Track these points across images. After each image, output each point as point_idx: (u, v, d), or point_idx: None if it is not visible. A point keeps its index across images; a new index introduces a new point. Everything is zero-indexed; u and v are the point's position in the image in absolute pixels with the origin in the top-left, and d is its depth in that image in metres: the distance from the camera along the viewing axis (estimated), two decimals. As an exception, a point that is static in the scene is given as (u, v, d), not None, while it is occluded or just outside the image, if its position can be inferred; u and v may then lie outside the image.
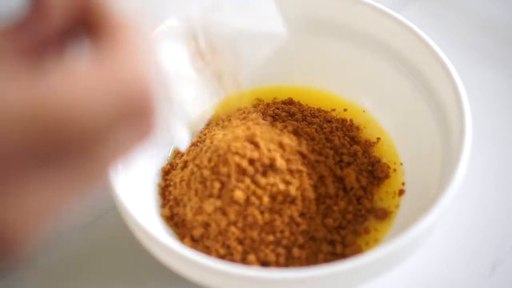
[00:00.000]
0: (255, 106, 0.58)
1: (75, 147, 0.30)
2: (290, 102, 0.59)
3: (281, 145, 0.51)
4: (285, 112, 0.56)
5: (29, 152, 0.30)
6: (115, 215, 0.52)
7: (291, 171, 0.50)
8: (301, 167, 0.51)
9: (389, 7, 0.56)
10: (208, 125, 0.57)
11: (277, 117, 0.56)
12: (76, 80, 0.30)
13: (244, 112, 0.57)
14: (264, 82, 0.60)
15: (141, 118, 0.32)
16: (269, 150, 0.50)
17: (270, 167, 0.50)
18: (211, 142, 0.52)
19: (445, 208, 0.46)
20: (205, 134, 0.54)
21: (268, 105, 0.58)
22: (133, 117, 0.32)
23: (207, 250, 0.49)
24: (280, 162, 0.50)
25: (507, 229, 0.56)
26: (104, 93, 0.31)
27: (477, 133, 0.56)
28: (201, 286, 0.47)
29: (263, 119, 0.55)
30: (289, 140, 0.52)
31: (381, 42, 0.57)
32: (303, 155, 0.51)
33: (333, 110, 0.58)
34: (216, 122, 0.55)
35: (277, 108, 0.57)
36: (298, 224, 0.50)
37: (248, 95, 0.59)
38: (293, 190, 0.50)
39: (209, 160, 0.51)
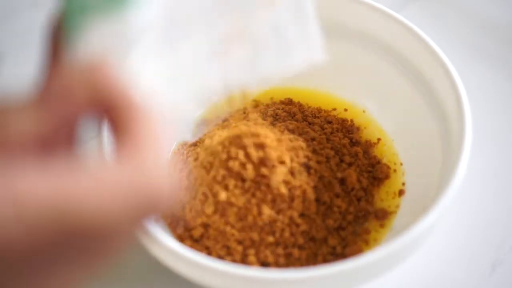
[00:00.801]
0: (254, 107, 0.58)
1: (88, 245, 0.32)
2: (289, 102, 0.59)
3: (281, 146, 0.51)
4: (285, 113, 0.56)
5: (46, 249, 0.31)
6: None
7: (291, 172, 0.50)
8: (301, 168, 0.51)
9: (389, 7, 0.56)
10: (207, 125, 0.57)
11: (277, 117, 0.56)
12: (95, 185, 0.32)
13: (243, 113, 0.57)
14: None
15: (152, 215, 0.34)
16: (269, 150, 0.50)
17: (270, 168, 0.50)
18: (211, 143, 0.51)
19: (445, 208, 0.46)
20: (204, 135, 0.54)
21: (267, 105, 0.58)
22: (144, 217, 0.34)
23: (207, 250, 0.50)
24: (281, 163, 0.50)
25: (507, 229, 0.56)
26: (121, 201, 0.32)
27: (477, 133, 0.56)
28: (201, 286, 0.47)
29: (263, 119, 0.55)
30: (289, 140, 0.52)
31: (381, 42, 0.57)
32: (303, 156, 0.51)
33: (334, 109, 0.58)
34: (215, 123, 0.55)
35: (277, 109, 0.57)
36: (298, 225, 0.50)
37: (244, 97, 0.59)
38: (293, 190, 0.50)
39: (209, 160, 0.51)
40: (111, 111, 0.34)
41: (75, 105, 0.34)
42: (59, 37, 0.36)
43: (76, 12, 0.35)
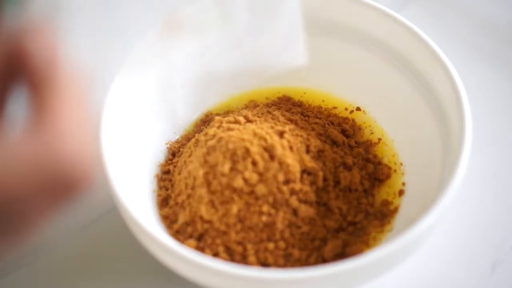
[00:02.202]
0: (253, 107, 0.58)
1: None
2: (287, 99, 0.59)
3: (283, 146, 0.51)
4: (286, 112, 0.56)
5: None
6: (115, 215, 0.52)
7: (292, 173, 0.50)
8: (302, 169, 0.51)
9: (389, 7, 0.56)
10: (206, 125, 0.57)
11: (277, 116, 0.56)
12: (3, 157, 0.31)
13: (241, 114, 0.57)
14: (259, 83, 0.60)
15: (65, 192, 0.32)
16: (270, 151, 0.50)
17: (271, 169, 0.50)
18: (210, 142, 0.51)
19: (445, 208, 0.46)
20: (205, 135, 0.54)
21: (267, 104, 0.58)
22: (56, 191, 0.32)
23: (207, 251, 0.49)
24: (281, 163, 0.50)
25: (507, 229, 0.56)
26: (28, 172, 0.31)
27: (477, 133, 0.56)
28: (200, 286, 0.47)
29: (263, 118, 0.55)
30: (290, 141, 0.52)
31: (381, 42, 0.57)
32: (304, 156, 0.51)
33: (335, 107, 0.58)
34: (213, 123, 0.55)
35: (278, 109, 0.57)
36: (298, 226, 0.50)
37: (242, 97, 0.59)
38: (294, 191, 0.50)
39: (208, 160, 0.51)
40: (33, 76, 0.33)
41: None
42: None
43: None
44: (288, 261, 0.49)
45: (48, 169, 0.31)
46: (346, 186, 0.52)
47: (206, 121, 0.58)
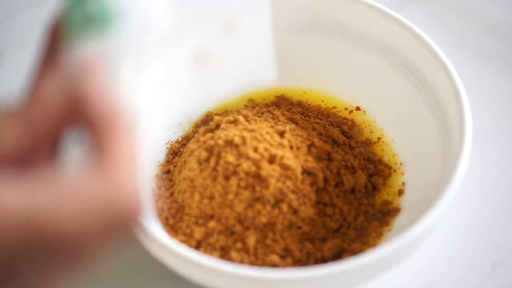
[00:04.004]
0: (253, 107, 0.58)
1: (58, 251, 0.33)
2: (284, 99, 0.59)
3: (283, 147, 0.51)
4: (287, 112, 0.56)
5: (21, 253, 0.32)
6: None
7: (293, 173, 0.50)
8: (303, 169, 0.51)
9: (389, 7, 0.56)
10: (206, 125, 0.57)
11: (278, 116, 0.56)
12: (68, 196, 0.33)
13: (241, 113, 0.56)
14: (259, 84, 0.60)
15: (123, 227, 0.35)
16: (270, 151, 0.50)
17: (271, 170, 0.50)
18: (210, 142, 0.51)
19: (445, 208, 0.46)
20: (203, 135, 0.54)
21: (266, 104, 0.58)
22: (113, 229, 0.34)
23: (206, 251, 0.49)
24: (282, 163, 0.50)
25: (507, 229, 0.56)
26: (91, 211, 0.33)
27: (477, 133, 0.56)
28: (200, 286, 0.47)
29: (264, 118, 0.55)
30: (291, 141, 0.52)
31: (381, 42, 0.57)
32: (305, 157, 0.51)
33: (334, 107, 0.58)
34: (212, 123, 0.55)
35: (278, 108, 0.57)
36: (298, 226, 0.50)
37: (242, 97, 0.59)
38: (294, 192, 0.50)
39: (207, 160, 0.50)
40: (92, 121, 0.35)
41: (57, 118, 0.34)
42: (55, 42, 0.36)
43: (76, 22, 0.36)
44: (288, 261, 0.49)
45: (108, 209, 0.33)
46: (350, 187, 0.52)
47: (206, 121, 0.58)
